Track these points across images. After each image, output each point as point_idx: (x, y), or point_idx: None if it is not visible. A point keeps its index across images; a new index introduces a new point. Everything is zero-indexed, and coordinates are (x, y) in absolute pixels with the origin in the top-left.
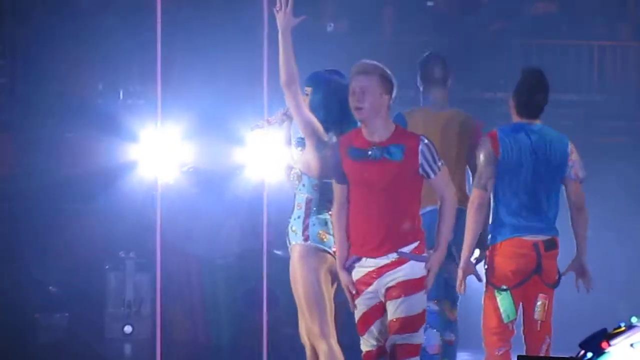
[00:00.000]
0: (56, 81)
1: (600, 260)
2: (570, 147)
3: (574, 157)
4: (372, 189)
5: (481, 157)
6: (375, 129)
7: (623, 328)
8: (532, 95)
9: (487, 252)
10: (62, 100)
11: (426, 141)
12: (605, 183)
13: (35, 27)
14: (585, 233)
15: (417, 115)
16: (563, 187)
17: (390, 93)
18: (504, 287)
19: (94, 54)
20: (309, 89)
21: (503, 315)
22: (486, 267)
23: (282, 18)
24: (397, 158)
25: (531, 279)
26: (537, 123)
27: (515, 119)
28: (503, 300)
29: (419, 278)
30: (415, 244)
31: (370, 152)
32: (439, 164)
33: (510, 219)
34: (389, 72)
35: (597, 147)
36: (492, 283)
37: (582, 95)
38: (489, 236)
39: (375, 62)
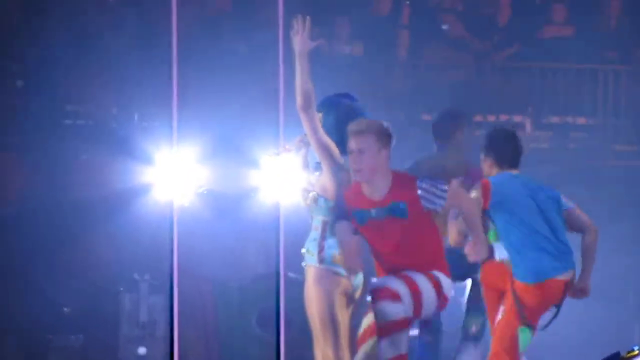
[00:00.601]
0: (71, 103)
1: (614, 283)
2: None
3: (562, 195)
4: (394, 245)
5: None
6: (375, 187)
7: (636, 352)
8: (509, 144)
9: (515, 288)
10: (76, 122)
11: (423, 185)
12: (620, 207)
13: (50, 49)
14: (594, 255)
15: None
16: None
17: (389, 145)
18: (529, 324)
19: (108, 76)
20: (320, 114)
21: (520, 346)
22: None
23: (299, 41)
24: (402, 216)
25: None
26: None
27: (495, 171)
28: (524, 334)
29: None
30: None
31: (374, 213)
32: (443, 187)
33: (537, 262)
34: (385, 125)
35: (611, 170)
36: (525, 318)
37: (597, 119)
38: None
39: (370, 120)
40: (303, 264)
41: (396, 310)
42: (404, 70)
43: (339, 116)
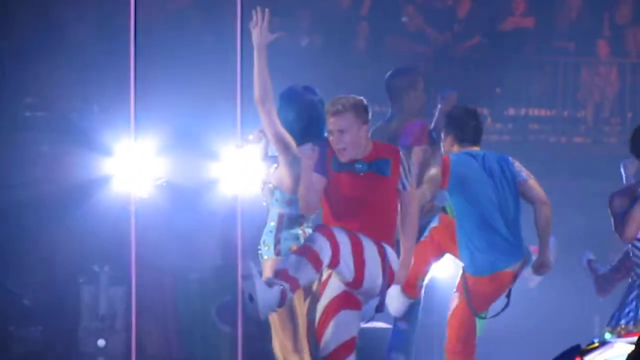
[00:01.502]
0: (30, 94)
1: (576, 275)
2: (512, 159)
3: (517, 164)
4: (357, 203)
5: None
6: (358, 153)
7: (597, 344)
8: (469, 121)
9: (466, 280)
10: (36, 114)
11: (402, 153)
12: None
13: (9, 40)
14: (550, 229)
15: None
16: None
17: (367, 119)
18: (483, 315)
19: (67, 67)
20: (279, 105)
21: (477, 333)
22: (465, 293)
23: (258, 34)
24: (385, 173)
25: None
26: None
27: (456, 149)
28: (479, 322)
29: None
30: None
31: (358, 165)
32: (410, 179)
33: (486, 255)
34: (360, 100)
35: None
36: (474, 309)
37: (557, 111)
38: (468, 266)
39: (346, 97)
40: (260, 256)
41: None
42: (363, 63)
43: (300, 112)
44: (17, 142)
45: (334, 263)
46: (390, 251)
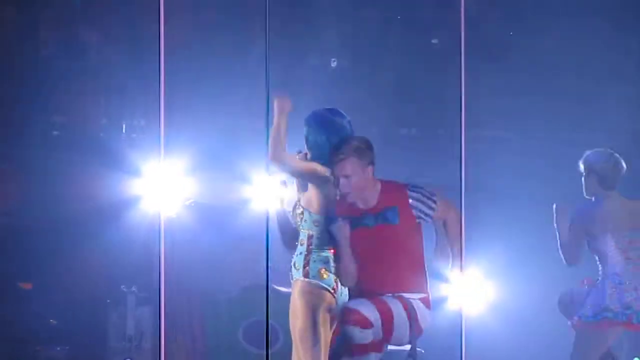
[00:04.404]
0: (58, 114)
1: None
2: None
3: None
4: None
5: None
6: (365, 198)
7: None
8: None
9: None
10: (64, 133)
11: (414, 194)
12: None
13: (38, 59)
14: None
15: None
16: None
17: (372, 159)
18: None
19: (97, 87)
20: (307, 129)
21: None
22: None
23: (282, 102)
24: (394, 222)
25: None
26: None
27: None
28: None
29: None
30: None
31: (365, 221)
32: (434, 198)
33: None
34: (362, 141)
35: None
36: None
37: None
38: None
39: (347, 143)
40: (291, 277)
41: (364, 336)
42: (392, 81)
43: (331, 135)
44: (45, 161)
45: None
46: (416, 304)
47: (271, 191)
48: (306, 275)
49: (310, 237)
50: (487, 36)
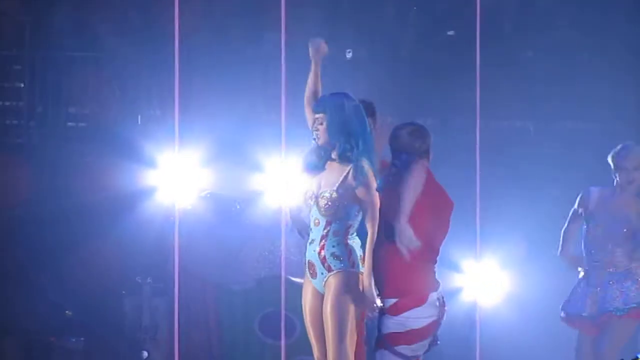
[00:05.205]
0: (73, 105)
1: None
2: None
3: None
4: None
5: None
6: None
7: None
8: None
9: None
10: (79, 125)
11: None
12: None
13: (54, 51)
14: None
15: None
16: None
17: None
18: None
19: (112, 79)
20: (321, 115)
21: None
22: None
23: (316, 44)
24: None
25: None
26: None
27: None
28: None
29: None
30: None
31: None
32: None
33: None
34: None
35: None
36: None
37: None
38: None
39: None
40: (322, 269)
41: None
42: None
43: (346, 118)
44: (60, 152)
45: None
46: None
47: (286, 182)
48: (352, 265)
49: (349, 226)
50: (503, 28)
